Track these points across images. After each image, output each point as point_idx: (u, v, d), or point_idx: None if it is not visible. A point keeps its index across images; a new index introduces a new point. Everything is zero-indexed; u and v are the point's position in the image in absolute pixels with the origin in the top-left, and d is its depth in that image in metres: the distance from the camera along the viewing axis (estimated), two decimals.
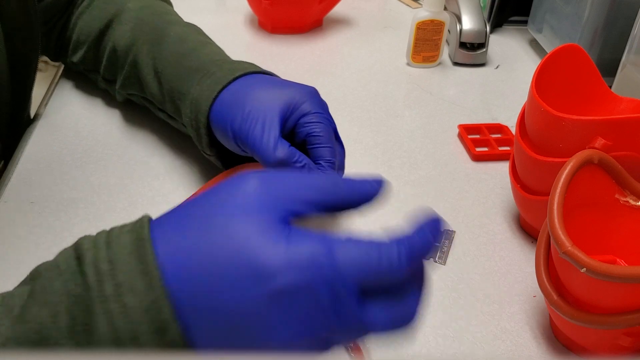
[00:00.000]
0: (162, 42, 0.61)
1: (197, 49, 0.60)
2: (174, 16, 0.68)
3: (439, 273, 0.53)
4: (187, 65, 0.58)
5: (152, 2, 0.69)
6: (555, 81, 0.53)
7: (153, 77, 0.61)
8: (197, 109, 0.54)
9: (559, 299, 0.42)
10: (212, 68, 0.56)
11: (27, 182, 0.60)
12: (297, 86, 0.53)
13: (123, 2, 0.67)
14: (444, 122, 0.74)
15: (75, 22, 0.69)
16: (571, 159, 0.43)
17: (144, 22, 0.64)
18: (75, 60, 0.70)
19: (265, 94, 0.51)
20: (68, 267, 0.29)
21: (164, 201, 0.59)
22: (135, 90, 0.65)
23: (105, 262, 0.29)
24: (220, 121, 0.52)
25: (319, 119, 0.51)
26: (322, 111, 0.52)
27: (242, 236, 0.29)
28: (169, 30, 0.62)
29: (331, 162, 0.50)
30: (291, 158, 0.48)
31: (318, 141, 0.50)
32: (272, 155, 0.48)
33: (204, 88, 0.54)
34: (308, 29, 0.93)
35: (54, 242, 0.53)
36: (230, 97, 0.52)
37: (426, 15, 0.81)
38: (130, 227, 0.31)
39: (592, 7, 0.75)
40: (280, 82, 0.54)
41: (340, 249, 0.29)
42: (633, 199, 0.46)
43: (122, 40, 0.64)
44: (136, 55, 0.62)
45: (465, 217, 0.59)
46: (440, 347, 0.47)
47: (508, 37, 0.96)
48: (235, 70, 0.54)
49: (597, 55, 0.77)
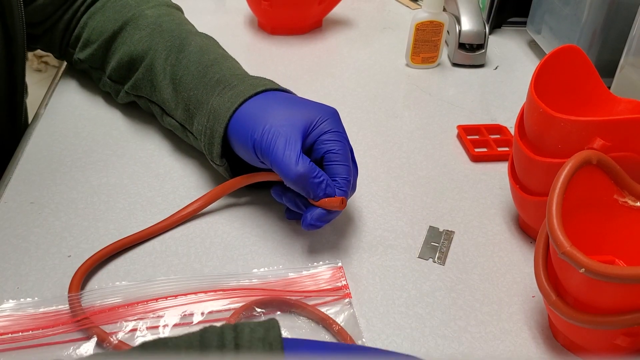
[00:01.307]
0: (183, 50, 0.62)
1: (219, 61, 0.61)
2: (192, 27, 0.69)
3: (438, 273, 0.53)
4: (209, 75, 0.59)
5: (170, 11, 0.70)
6: (554, 82, 0.53)
7: (169, 83, 0.61)
8: (215, 119, 0.55)
9: (557, 299, 0.42)
10: (234, 81, 0.57)
11: (27, 182, 0.60)
12: (318, 105, 0.55)
13: (140, 8, 0.68)
14: (443, 123, 0.74)
15: (86, 21, 0.70)
16: (570, 159, 0.43)
17: (163, 29, 0.66)
18: (82, 57, 0.71)
19: (288, 110, 0.53)
20: (188, 349, 0.30)
21: (163, 201, 0.59)
22: (145, 94, 0.65)
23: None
24: (241, 132, 0.53)
25: (339, 137, 0.53)
26: (342, 131, 0.53)
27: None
28: (190, 40, 0.64)
29: (347, 179, 0.52)
30: (311, 173, 0.50)
31: (336, 159, 0.52)
32: (293, 170, 0.50)
33: (225, 99, 0.55)
34: (308, 30, 0.94)
35: (53, 242, 0.53)
36: (252, 110, 0.54)
37: (425, 16, 0.81)
38: (262, 335, 0.31)
39: (591, 9, 0.75)
40: (301, 100, 0.55)
41: None
42: (632, 200, 0.46)
43: (139, 45, 0.65)
44: (153, 59, 0.63)
45: (464, 218, 0.59)
46: (439, 347, 0.47)
47: (507, 38, 0.96)
48: (257, 85, 0.56)
49: (595, 56, 0.77)
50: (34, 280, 0.50)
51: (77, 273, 0.49)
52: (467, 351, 0.47)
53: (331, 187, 0.51)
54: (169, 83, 0.61)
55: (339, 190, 0.51)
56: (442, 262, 0.54)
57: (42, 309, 0.46)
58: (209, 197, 0.57)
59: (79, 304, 0.46)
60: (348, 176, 0.52)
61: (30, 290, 0.49)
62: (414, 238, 0.57)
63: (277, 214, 0.58)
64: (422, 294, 0.51)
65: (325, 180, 0.50)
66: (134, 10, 0.68)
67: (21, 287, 0.49)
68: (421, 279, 0.52)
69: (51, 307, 0.46)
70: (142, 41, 0.65)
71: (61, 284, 0.49)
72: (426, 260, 0.54)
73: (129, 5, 0.69)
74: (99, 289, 0.48)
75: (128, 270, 0.51)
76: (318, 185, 0.50)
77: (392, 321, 0.48)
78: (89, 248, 0.52)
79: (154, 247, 0.54)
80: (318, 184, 0.50)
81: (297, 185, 0.50)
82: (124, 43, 0.67)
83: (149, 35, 0.65)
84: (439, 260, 0.54)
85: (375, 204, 0.60)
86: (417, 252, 0.55)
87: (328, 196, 0.50)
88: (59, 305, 0.47)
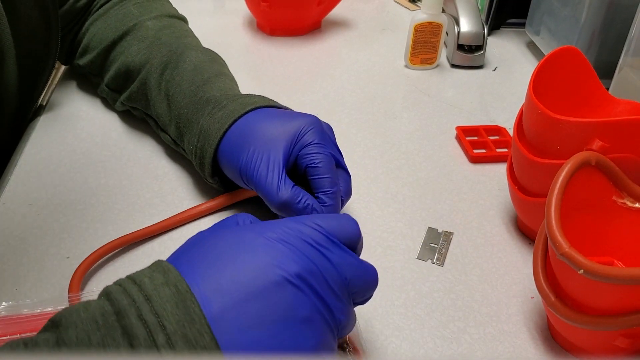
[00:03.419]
0: (177, 66, 0.62)
1: (212, 80, 0.60)
2: (192, 40, 0.69)
3: (437, 274, 0.53)
4: (199, 94, 0.59)
5: (172, 23, 0.70)
6: (552, 83, 0.54)
7: (163, 99, 0.61)
8: (205, 139, 0.55)
9: (556, 300, 0.42)
10: (223, 101, 0.57)
11: (25, 184, 0.60)
12: (299, 118, 0.54)
13: (142, 19, 0.68)
14: (442, 124, 0.74)
15: (87, 27, 0.71)
16: (569, 160, 0.43)
17: (162, 43, 0.65)
18: (82, 64, 0.71)
19: (270, 129, 0.53)
20: (105, 322, 0.31)
21: (162, 202, 0.59)
22: (140, 106, 0.65)
23: (150, 315, 0.31)
24: (229, 157, 0.53)
25: (318, 149, 0.52)
26: (322, 142, 0.53)
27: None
28: (186, 56, 0.63)
29: (330, 192, 0.51)
30: (295, 199, 0.50)
31: (317, 172, 0.51)
32: (276, 198, 0.50)
33: (215, 120, 0.55)
34: (306, 31, 0.94)
35: (52, 243, 0.53)
36: (238, 133, 0.54)
37: (424, 18, 0.81)
38: (163, 280, 0.33)
39: (590, 10, 0.76)
40: (285, 115, 0.55)
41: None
42: (630, 201, 0.46)
43: (136, 57, 0.65)
44: (148, 73, 0.63)
45: (463, 219, 0.59)
46: (438, 349, 0.47)
47: (506, 40, 0.96)
48: (246, 105, 0.55)
49: (594, 57, 0.78)
50: (32, 281, 0.50)
51: (77, 272, 0.49)
52: (466, 352, 0.47)
53: (317, 209, 0.50)
54: (164, 99, 0.61)
55: (324, 207, 0.51)
56: (441, 263, 0.54)
57: (40, 309, 0.46)
58: (213, 204, 0.57)
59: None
60: (330, 188, 0.51)
61: (29, 291, 0.49)
62: (412, 239, 0.57)
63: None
64: (421, 295, 0.51)
65: (309, 206, 0.50)
66: (136, 20, 0.68)
67: (20, 289, 0.49)
68: (420, 280, 0.52)
69: (49, 308, 0.46)
70: (140, 54, 0.65)
71: (60, 285, 0.49)
72: (425, 262, 0.54)
73: (131, 14, 0.69)
74: (99, 290, 0.48)
75: (127, 271, 0.51)
76: (302, 211, 0.50)
77: (391, 322, 0.48)
78: (87, 249, 0.52)
79: (153, 248, 0.54)
80: (302, 209, 0.50)
81: (282, 212, 0.51)
82: (122, 53, 0.66)
83: (147, 48, 0.65)
84: (437, 262, 0.54)
85: (374, 205, 0.60)
86: (416, 253, 0.55)
87: None
88: (57, 307, 0.46)
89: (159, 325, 0.31)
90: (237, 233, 0.36)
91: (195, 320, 0.31)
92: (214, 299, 0.32)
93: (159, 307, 0.31)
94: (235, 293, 0.33)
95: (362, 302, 0.39)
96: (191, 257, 0.35)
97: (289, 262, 0.34)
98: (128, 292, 0.32)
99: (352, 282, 0.37)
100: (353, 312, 0.38)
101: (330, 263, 0.36)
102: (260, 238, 0.35)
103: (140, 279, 0.33)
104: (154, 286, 0.33)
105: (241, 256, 0.34)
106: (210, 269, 0.34)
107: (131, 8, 0.70)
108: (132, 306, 0.31)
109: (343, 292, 0.36)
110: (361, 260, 0.38)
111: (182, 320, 0.31)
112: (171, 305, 0.31)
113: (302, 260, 0.34)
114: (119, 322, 0.31)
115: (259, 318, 0.33)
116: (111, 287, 0.34)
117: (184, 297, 0.32)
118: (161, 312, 0.31)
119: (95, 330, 0.31)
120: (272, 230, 0.36)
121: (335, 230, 0.37)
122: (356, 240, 0.39)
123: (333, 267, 0.36)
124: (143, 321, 0.31)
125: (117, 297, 0.32)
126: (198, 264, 0.34)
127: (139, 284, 0.33)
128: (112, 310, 0.32)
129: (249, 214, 0.41)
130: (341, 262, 0.36)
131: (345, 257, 0.37)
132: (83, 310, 0.32)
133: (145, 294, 0.32)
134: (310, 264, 0.35)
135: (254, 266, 0.34)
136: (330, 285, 0.35)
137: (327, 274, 0.35)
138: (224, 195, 0.58)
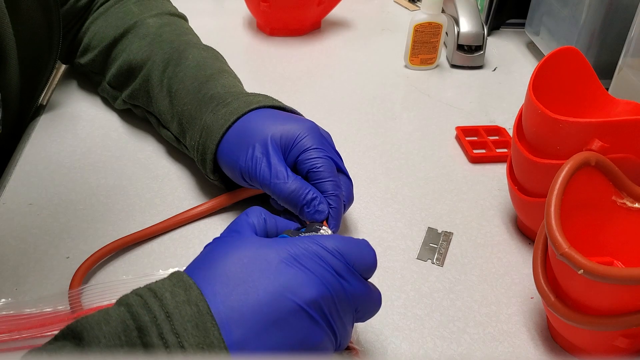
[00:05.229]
0: (180, 63, 0.62)
1: (215, 77, 0.61)
2: (193, 37, 0.69)
3: (437, 274, 0.53)
4: (203, 91, 0.59)
5: (172, 20, 0.70)
6: (552, 83, 0.54)
7: (165, 96, 0.61)
8: (208, 135, 0.55)
9: (556, 300, 0.42)
10: (227, 98, 0.57)
11: (25, 184, 0.60)
12: (299, 122, 0.54)
13: (142, 17, 0.68)
14: (441, 124, 0.74)
15: (88, 26, 0.71)
16: (568, 161, 0.43)
17: (163, 40, 0.65)
18: (83, 62, 0.71)
19: (270, 129, 0.53)
20: (128, 339, 0.32)
21: (162, 203, 0.59)
22: (142, 104, 0.65)
23: (171, 334, 0.32)
24: (229, 156, 0.54)
25: (318, 154, 0.52)
26: (321, 146, 0.53)
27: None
28: (188, 52, 0.63)
29: (334, 194, 0.51)
30: (303, 189, 0.50)
31: (320, 176, 0.52)
32: (284, 187, 0.50)
33: (219, 117, 0.55)
34: (306, 32, 0.94)
35: (52, 244, 0.53)
36: (240, 131, 0.54)
37: (424, 18, 0.81)
38: (185, 297, 0.34)
39: (589, 10, 0.76)
40: (285, 117, 0.55)
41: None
42: (630, 201, 0.46)
43: (138, 54, 0.65)
44: (150, 70, 0.63)
45: (463, 219, 0.59)
46: (437, 349, 0.47)
47: (505, 40, 0.96)
48: (250, 103, 0.56)
49: (594, 57, 0.78)
50: (32, 281, 0.50)
51: (78, 271, 0.49)
52: (465, 352, 0.47)
53: (323, 203, 0.50)
54: (166, 95, 0.61)
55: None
56: (441, 263, 0.54)
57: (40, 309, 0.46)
58: (213, 204, 0.57)
59: (79, 302, 0.46)
60: (334, 191, 0.51)
61: (29, 291, 0.49)
62: (412, 239, 0.57)
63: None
64: (420, 295, 0.51)
65: (316, 198, 0.50)
66: (136, 17, 0.68)
67: (20, 289, 0.49)
68: (420, 280, 0.52)
69: (49, 308, 0.46)
70: (142, 51, 0.65)
71: (60, 285, 0.49)
72: (425, 262, 0.54)
73: (131, 12, 0.69)
74: (99, 284, 0.48)
75: (127, 271, 0.51)
76: (310, 203, 0.50)
77: (391, 322, 0.48)
78: (87, 250, 0.52)
79: (153, 248, 0.54)
80: (310, 201, 0.50)
81: (289, 204, 0.51)
82: (123, 51, 0.67)
83: (149, 45, 0.65)
84: (437, 262, 0.54)
85: (374, 205, 0.60)
86: (416, 254, 0.55)
87: (319, 212, 0.50)
88: (57, 306, 0.46)
89: (178, 346, 0.31)
90: (256, 252, 0.37)
91: (214, 344, 0.32)
92: (234, 325, 0.33)
93: (180, 327, 0.32)
94: (255, 321, 0.34)
95: (362, 321, 0.41)
96: (211, 275, 0.36)
97: (307, 289, 0.35)
98: (150, 307, 0.33)
99: (359, 310, 0.39)
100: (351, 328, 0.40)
101: (345, 293, 0.37)
102: (279, 260, 0.36)
103: (162, 292, 0.34)
104: (175, 303, 0.33)
105: (260, 280, 0.35)
106: (231, 295, 0.34)
107: (131, 6, 0.70)
108: (153, 324, 0.32)
109: (349, 319, 0.38)
110: (372, 290, 0.40)
111: (202, 343, 0.32)
112: (192, 325, 0.32)
113: (320, 288, 0.36)
114: (140, 339, 0.31)
115: (277, 346, 0.34)
116: (131, 299, 0.34)
117: (204, 318, 0.33)
118: (182, 332, 0.32)
119: (119, 347, 0.31)
120: (292, 250, 0.37)
121: (356, 260, 0.38)
122: (372, 270, 0.40)
123: (347, 297, 0.37)
124: (164, 340, 0.31)
125: (138, 311, 0.33)
126: (218, 285, 0.35)
127: (160, 298, 0.33)
128: (134, 326, 0.32)
129: (262, 207, 0.42)
130: (355, 293, 0.38)
131: (360, 288, 0.38)
132: (104, 323, 0.32)
133: (167, 312, 0.32)
134: (326, 291, 0.36)
135: (272, 291, 0.35)
136: (340, 314, 0.37)
137: (340, 304, 0.37)
138: (224, 195, 0.58)
